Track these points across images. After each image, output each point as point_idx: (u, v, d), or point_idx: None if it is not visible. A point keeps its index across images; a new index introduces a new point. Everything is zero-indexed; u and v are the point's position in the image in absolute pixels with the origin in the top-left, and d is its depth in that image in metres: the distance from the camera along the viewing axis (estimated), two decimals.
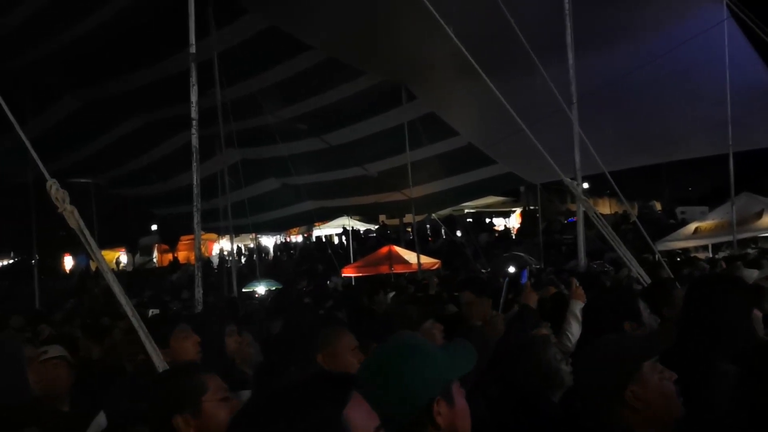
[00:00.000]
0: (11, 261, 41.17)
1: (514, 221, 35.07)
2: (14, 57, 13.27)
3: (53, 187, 3.05)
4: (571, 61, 8.17)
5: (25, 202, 16.97)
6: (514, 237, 29.13)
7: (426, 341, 1.88)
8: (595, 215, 6.43)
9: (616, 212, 28.88)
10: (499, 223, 35.01)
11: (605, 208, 31.13)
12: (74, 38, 13.14)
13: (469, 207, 31.57)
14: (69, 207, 3.02)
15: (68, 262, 39.14)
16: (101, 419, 3.05)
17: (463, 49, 6.18)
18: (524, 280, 5.47)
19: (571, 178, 7.13)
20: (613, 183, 7.67)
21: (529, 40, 7.25)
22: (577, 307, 4.58)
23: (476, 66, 6.20)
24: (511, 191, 31.11)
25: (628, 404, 2.15)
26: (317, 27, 12.63)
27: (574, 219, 27.54)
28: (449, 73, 12.27)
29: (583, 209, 7.19)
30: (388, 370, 1.77)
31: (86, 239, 3.03)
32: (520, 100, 7.16)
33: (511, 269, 14.68)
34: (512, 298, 5.77)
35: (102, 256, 3.23)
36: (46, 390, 3.17)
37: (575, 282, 4.93)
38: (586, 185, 13.10)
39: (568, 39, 8.16)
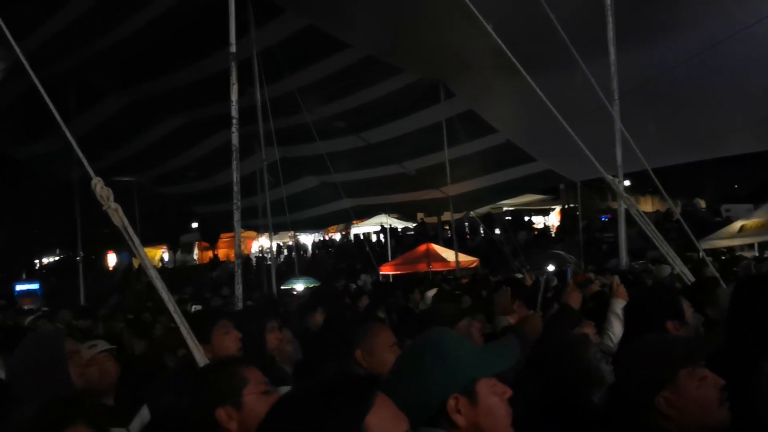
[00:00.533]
0: (57, 258, 42.14)
1: (553, 219, 34.70)
2: (61, 58, 13.56)
3: (98, 185, 3.10)
4: (612, 56, 8.04)
5: (71, 200, 17.36)
6: (553, 235, 28.84)
7: (455, 338, 1.88)
8: (637, 213, 6.33)
9: (658, 210, 28.39)
10: (538, 221, 34.68)
11: (648, 205, 30.60)
12: (118, 39, 13.39)
13: (507, 205, 31.31)
14: (113, 205, 3.07)
15: (111, 259, 39.91)
16: (144, 413, 3.10)
17: (503, 46, 6.13)
18: (568, 278, 5.41)
19: (613, 176, 7.02)
20: (656, 180, 7.53)
21: (570, 36, 7.17)
22: (619, 306, 4.51)
23: (516, 62, 6.14)
24: (551, 189, 30.72)
25: (659, 411, 2.11)
26: (355, 25, 12.66)
27: (608, 217, 27.26)
28: (488, 70, 12.18)
29: (625, 207, 7.08)
30: (408, 366, 1.80)
31: (130, 237, 3.08)
32: (560, 97, 7.07)
33: (551, 268, 14.53)
34: (551, 297, 5.71)
35: (145, 253, 3.27)
36: (93, 384, 3.22)
37: (616, 280, 4.86)
38: (627, 182, 12.91)
39: (610, 34, 8.03)
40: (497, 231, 25.95)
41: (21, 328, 8.82)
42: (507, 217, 31.74)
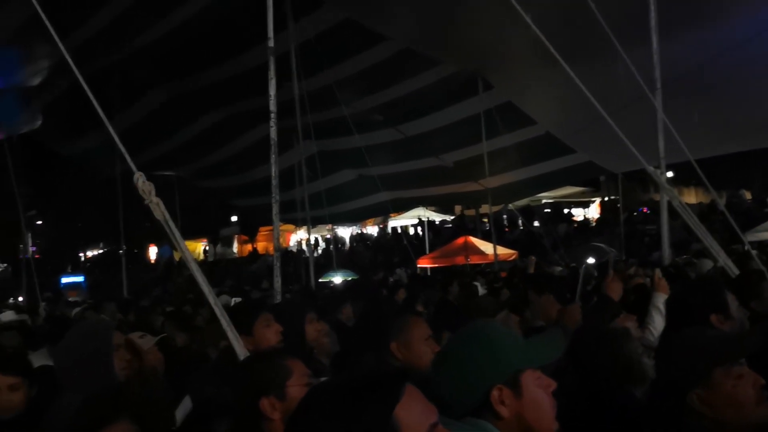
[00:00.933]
0: (101, 251, 43.02)
1: (593, 212, 34.28)
2: (104, 55, 13.81)
3: (140, 179, 3.15)
4: (655, 45, 7.89)
5: (114, 195, 17.70)
6: (593, 228, 28.49)
7: (500, 329, 1.88)
8: (679, 205, 6.21)
9: (702, 202, 27.86)
10: (578, 214, 34.28)
11: (691, 197, 30.04)
12: (159, 35, 13.58)
13: (546, 197, 31.04)
14: (155, 199, 3.12)
15: (153, 252, 40.60)
16: (187, 403, 3.15)
17: (542, 36, 6.05)
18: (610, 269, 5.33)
19: (655, 167, 6.89)
20: (700, 171, 7.37)
21: (611, 25, 7.05)
22: (660, 299, 4.44)
23: (555, 53, 6.07)
24: (591, 181, 30.37)
25: (692, 408, 2.08)
26: (393, 18, 12.64)
27: (644, 209, 26.79)
28: (527, 61, 12.07)
29: (668, 199, 6.95)
30: (451, 358, 1.81)
31: (171, 230, 3.12)
32: (600, 87, 6.96)
33: (591, 260, 14.36)
34: (591, 290, 5.64)
35: (186, 246, 3.32)
36: (140, 376, 3.28)
37: (658, 273, 4.78)
38: (670, 174, 12.66)
39: (652, 22, 7.88)
40: (536, 223, 25.75)
41: (68, 320, 9.05)
42: (546, 210, 31.47)
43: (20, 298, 13.72)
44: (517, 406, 1.73)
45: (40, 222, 38.46)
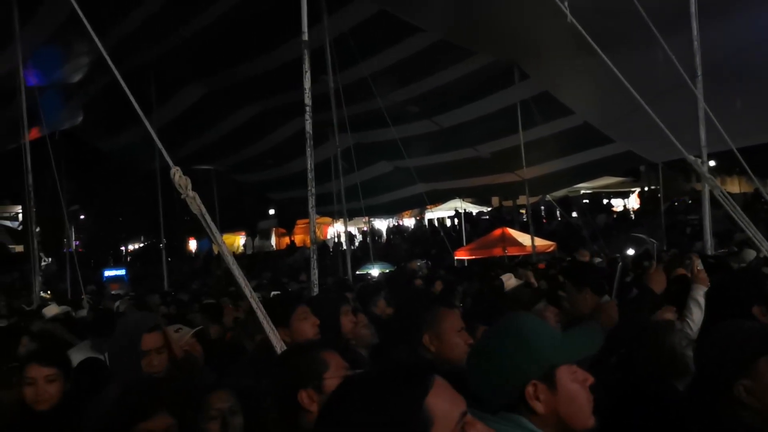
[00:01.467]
0: (142, 245, 43.76)
1: (633, 202, 33.78)
2: (141, 51, 14.00)
3: (177, 174, 3.19)
4: (695, 31, 7.72)
5: (154, 189, 17.96)
6: (633, 218, 28.08)
7: (536, 323, 1.86)
8: (721, 194, 6.08)
9: (745, 192, 27.27)
10: (618, 204, 33.82)
11: (734, 186, 29.44)
12: (195, 31, 13.73)
13: (585, 188, 30.67)
14: (191, 193, 3.15)
15: (192, 245, 41.15)
16: None
17: (578, 26, 5.98)
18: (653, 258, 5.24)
19: (696, 156, 6.77)
20: (742, 160, 7.21)
21: (649, 12, 6.92)
22: (699, 291, 4.34)
23: (591, 42, 5.98)
24: (631, 171, 29.92)
25: (737, 399, 2.04)
26: (427, 9, 12.58)
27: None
28: (564, 50, 11.91)
29: (709, 189, 6.82)
30: (485, 353, 1.80)
31: (207, 224, 3.15)
32: (639, 75, 6.86)
33: (630, 251, 14.16)
34: (630, 282, 5.56)
35: (222, 239, 3.35)
36: (180, 368, 3.33)
37: (697, 264, 4.68)
38: (712, 163, 12.42)
39: (692, 8, 7.72)
40: (574, 214, 25.47)
41: (111, 313, 9.25)
42: (585, 200, 31.09)
43: (47, 293, 14.03)
44: (553, 401, 1.71)
45: (82, 217, 39.28)
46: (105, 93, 16.07)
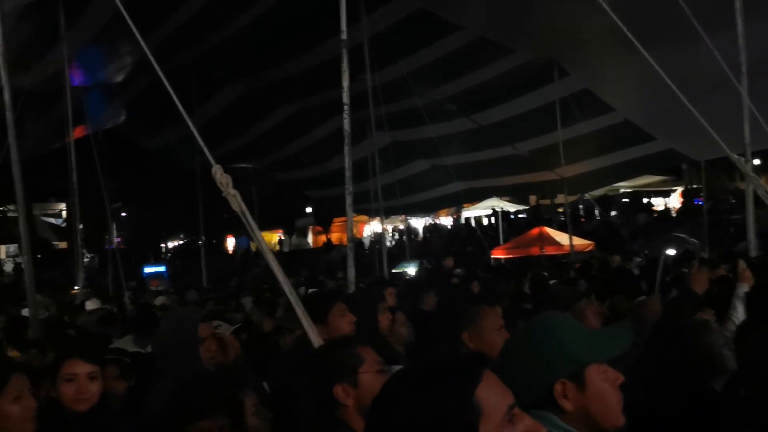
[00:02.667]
0: (182, 242, 44.36)
1: (674, 201, 33.18)
2: (183, 50, 14.20)
3: (218, 172, 3.24)
4: (740, 28, 7.56)
5: (194, 187, 18.21)
6: (675, 217, 27.59)
7: (566, 321, 1.86)
8: (765, 194, 5.96)
9: None
10: (659, 203, 33.24)
11: None
12: (236, 30, 13.88)
13: (625, 186, 30.21)
14: (232, 191, 3.20)
15: (231, 242, 41.57)
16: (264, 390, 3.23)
17: (619, 22, 5.91)
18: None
19: (740, 155, 6.64)
20: None
21: (692, 8, 6.81)
22: (744, 290, 4.28)
23: (633, 39, 5.91)
24: (672, 169, 29.37)
25: None
26: (465, 6, 12.54)
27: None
28: (604, 47, 11.77)
29: (753, 188, 6.68)
30: (515, 350, 1.81)
31: (248, 221, 3.19)
32: (682, 73, 6.76)
33: (671, 251, 13.94)
34: (670, 281, 5.49)
35: (262, 237, 3.39)
36: (229, 367, 3.38)
37: (742, 264, 4.61)
38: (756, 161, 12.15)
39: (737, 4, 7.56)
40: (614, 213, 25.13)
41: (151, 308, 9.42)
42: (624, 199, 30.64)
43: (78, 286, 14.26)
44: (581, 400, 1.71)
45: (124, 214, 39.97)
46: (147, 92, 16.33)
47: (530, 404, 1.70)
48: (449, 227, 36.06)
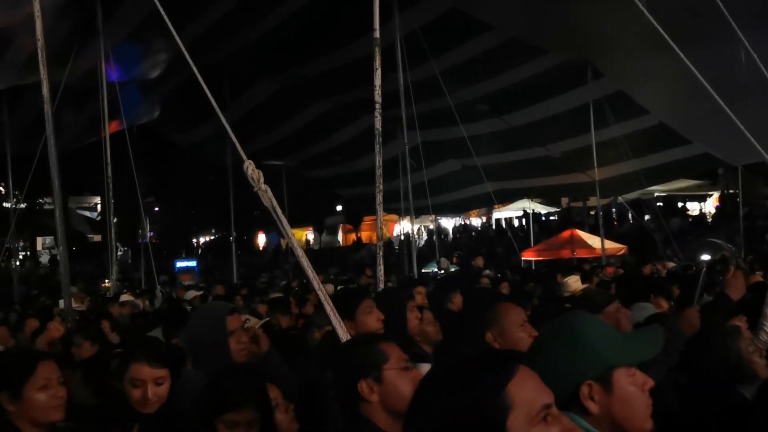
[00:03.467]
0: (213, 237, 44.80)
1: (710, 206, 32.65)
2: (216, 48, 14.33)
3: (250, 167, 3.25)
4: None
5: (225, 183, 18.38)
6: (710, 222, 27.15)
7: (594, 323, 1.84)
8: None
9: None
10: (694, 208, 32.73)
11: None
12: (268, 28, 13.97)
13: (659, 190, 29.79)
14: (263, 186, 3.21)
15: (261, 239, 41.88)
16: None
17: (654, 23, 5.82)
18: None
19: None
20: None
21: (730, 8, 6.68)
22: None
23: (669, 40, 5.81)
24: (708, 173, 28.92)
25: None
26: (499, 6, 12.46)
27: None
28: (640, 49, 11.62)
29: None
30: (542, 349, 1.79)
31: (278, 217, 3.20)
32: (719, 75, 6.63)
33: (706, 257, 13.72)
34: (704, 286, 5.39)
35: (292, 233, 3.41)
36: (247, 359, 3.41)
37: None
38: None
39: None
40: (647, 217, 24.81)
41: (181, 303, 9.54)
42: (658, 203, 30.22)
43: (109, 282, 14.50)
44: (607, 402, 1.70)
45: (157, 209, 40.48)
46: (181, 89, 16.53)
47: (556, 404, 1.69)
48: (479, 228, 35.90)
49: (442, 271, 15.51)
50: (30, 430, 2.57)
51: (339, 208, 39.26)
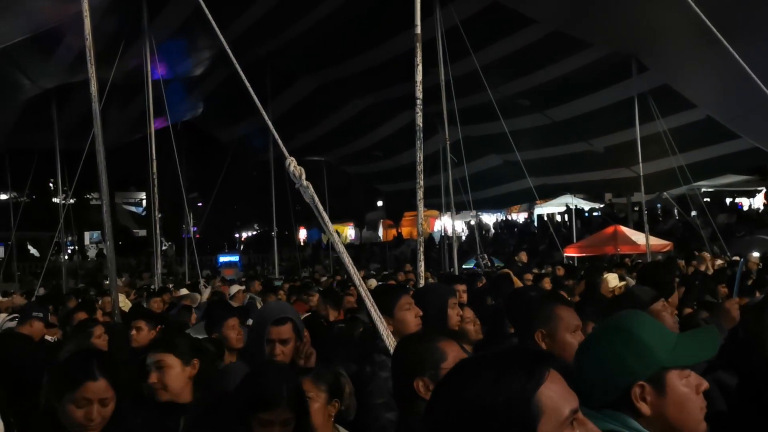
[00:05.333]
0: (255, 233, 45.25)
1: (759, 201, 31.85)
2: (258, 45, 14.47)
3: (292, 164, 3.27)
4: None
5: (267, 179, 18.54)
6: (759, 218, 26.48)
7: (648, 323, 1.80)
8: None
9: None
10: (742, 203, 31.96)
11: None
12: (309, 25, 14.06)
13: (706, 185, 29.16)
14: (305, 182, 3.23)
15: (303, 234, 42.14)
16: None
17: (702, 15, 5.70)
18: None
19: None
20: None
21: None
22: None
23: (716, 32, 5.69)
24: (757, 168, 28.21)
25: None
26: (542, 0, 12.34)
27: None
28: (686, 42, 11.39)
29: None
30: (594, 349, 1.76)
31: (320, 213, 3.23)
32: None
33: (755, 254, 13.39)
34: (751, 286, 5.28)
35: (333, 228, 3.43)
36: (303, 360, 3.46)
37: None
38: None
39: None
40: (693, 213, 24.32)
41: (224, 297, 9.67)
42: (705, 199, 29.60)
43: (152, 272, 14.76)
44: (660, 404, 1.67)
45: (200, 204, 41.03)
46: (224, 86, 16.74)
47: (605, 404, 1.67)
48: (521, 224, 35.60)
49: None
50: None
51: (380, 203, 39.28)
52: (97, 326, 5.18)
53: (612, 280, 7.99)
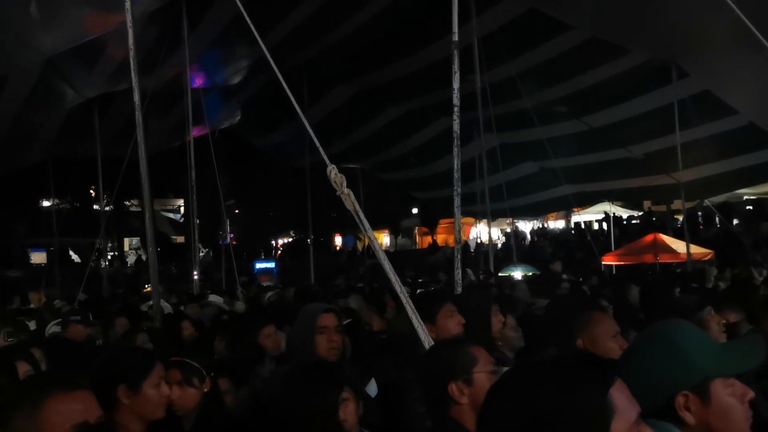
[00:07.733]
0: (291, 239, 45.54)
1: None
2: (296, 52, 14.60)
3: (332, 171, 3.30)
4: None
5: (303, 185, 18.65)
6: None
7: (692, 331, 1.79)
8: None
9: None
10: None
11: None
12: (347, 32, 14.15)
13: (748, 193, 28.59)
14: (346, 190, 3.25)
15: (338, 241, 42.30)
16: (372, 387, 3.28)
17: (744, 18, 5.60)
18: None
19: None
20: None
21: None
22: None
23: (760, 36, 5.59)
24: None
25: None
26: (578, 6, 12.26)
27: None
28: (728, 47, 11.20)
29: None
30: (637, 357, 1.75)
31: (361, 220, 3.24)
32: None
33: None
34: None
35: (374, 235, 3.44)
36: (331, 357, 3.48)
37: None
38: None
39: None
40: (735, 221, 23.85)
41: (260, 304, 9.74)
42: (747, 207, 29.00)
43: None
44: (704, 413, 1.65)
45: (237, 211, 41.43)
46: (261, 93, 16.91)
47: (649, 413, 1.65)
48: (558, 231, 35.27)
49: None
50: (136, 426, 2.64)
51: (414, 210, 39.27)
52: (140, 334, 5.26)
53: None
